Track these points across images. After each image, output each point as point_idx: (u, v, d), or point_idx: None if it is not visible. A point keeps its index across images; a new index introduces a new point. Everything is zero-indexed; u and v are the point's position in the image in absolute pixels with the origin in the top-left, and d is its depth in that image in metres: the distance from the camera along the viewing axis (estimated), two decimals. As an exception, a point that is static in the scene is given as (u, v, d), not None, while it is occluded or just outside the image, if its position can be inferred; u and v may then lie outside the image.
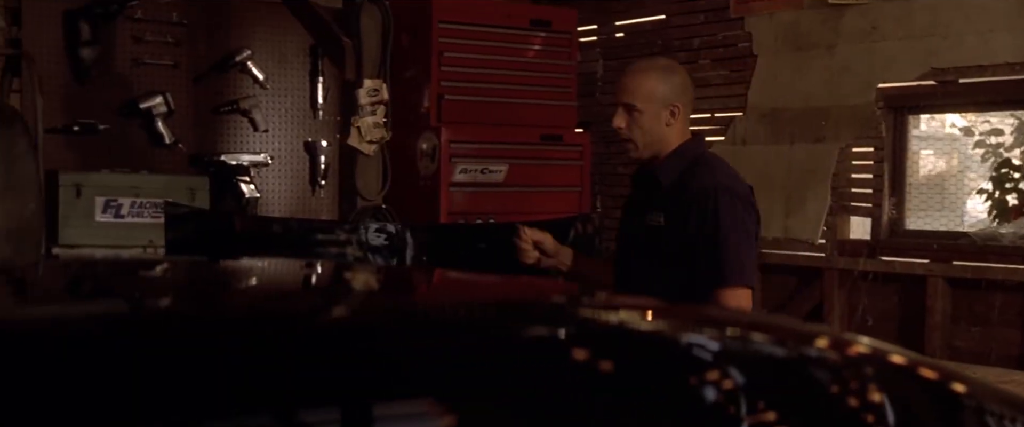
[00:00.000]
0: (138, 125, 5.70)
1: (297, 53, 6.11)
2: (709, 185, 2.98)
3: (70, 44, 5.46)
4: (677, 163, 3.06)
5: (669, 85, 3.08)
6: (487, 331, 1.36)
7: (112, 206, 5.31)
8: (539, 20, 6.22)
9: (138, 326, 1.34)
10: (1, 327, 1.30)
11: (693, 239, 2.95)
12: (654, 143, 3.06)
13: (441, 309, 1.64)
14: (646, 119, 3.04)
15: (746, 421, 1.22)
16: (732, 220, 2.95)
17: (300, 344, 1.20)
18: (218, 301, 1.65)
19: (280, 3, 5.63)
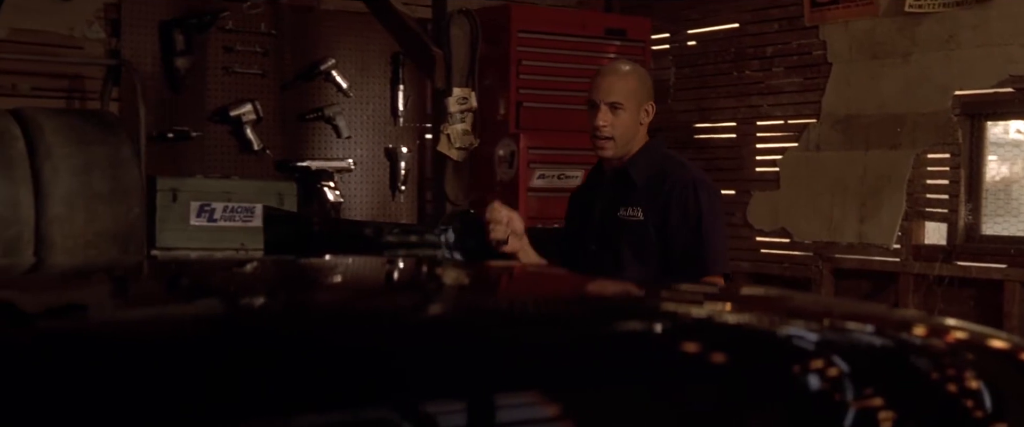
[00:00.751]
0: (228, 132, 5.89)
1: (379, 62, 6.26)
2: (687, 179, 3.15)
3: (165, 54, 5.65)
4: (648, 160, 3.21)
5: (646, 86, 3.28)
6: (597, 326, 1.39)
7: (206, 210, 5.48)
8: (614, 29, 6.32)
9: (281, 319, 1.39)
10: (158, 321, 1.36)
11: (675, 230, 3.09)
12: (628, 141, 3.21)
13: (548, 305, 1.68)
14: (628, 117, 3.18)
15: (853, 408, 1.23)
16: (711, 211, 3.12)
17: (427, 338, 1.24)
18: (335, 297, 1.74)
19: (364, 13, 5.80)
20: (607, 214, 3.23)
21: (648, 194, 3.15)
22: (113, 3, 5.55)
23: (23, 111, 4.80)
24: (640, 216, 3.14)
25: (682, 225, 3.08)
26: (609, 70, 3.32)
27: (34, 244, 4.61)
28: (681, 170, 3.21)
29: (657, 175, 3.17)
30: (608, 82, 3.22)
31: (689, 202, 3.09)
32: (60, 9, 5.34)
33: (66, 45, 5.43)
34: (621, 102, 3.16)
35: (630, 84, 3.23)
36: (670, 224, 3.09)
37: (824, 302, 2.72)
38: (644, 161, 3.21)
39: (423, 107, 6.38)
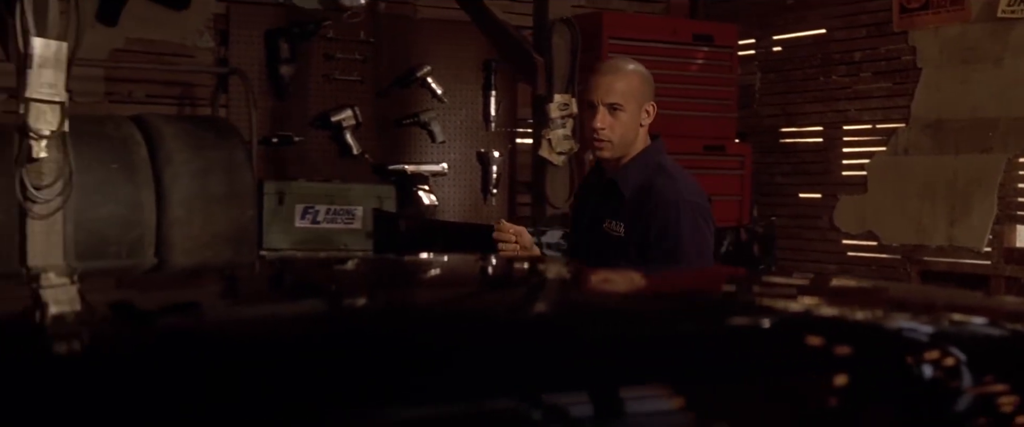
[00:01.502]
0: (328, 137, 6.06)
1: (471, 68, 6.40)
2: (671, 199, 2.93)
3: (270, 62, 5.83)
4: (638, 172, 3.02)
5: (647, 86, 3.09)
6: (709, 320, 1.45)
7: (310, 212, 5.65)
8: (702, 35, 6.41)
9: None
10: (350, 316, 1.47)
11: (652, 249, 2.91)
12: (627, 143, 3.03)
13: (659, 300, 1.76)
14: (628, 118, 3.01)
15: (967, 394, 1.26)
16: (692, 234, 2.92)
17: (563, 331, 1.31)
18: (451, 293, 1.84)
19: (458, 21, 5.94)
20: (594, 224, 3.10)
21: (633, 209, 2.98)
22: (222, 14, 5.75)
23: (144, 117, 5.00)
24: (621, 231, 2.99)
25: (658, 245, 2.91)
26: (608, 69, 3.12)
27: (155, 245, 4.81)
28: (670, 186, 2.97)
29: (645, 188, 2.99)
30: (607, 82, 3.04)
31: (669, 223, 2.91)
32: (173, 20, 5.54)
33: (178, 54, 5.64)
34: (621, 103, 2.99)
35: (631, 84, 3.05)
36: (650, 243, 2.92)
37: (937, 293, 2.71)
38: (635, 172, 3.02)
39: (514, 112, 6.51)
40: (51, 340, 1.27)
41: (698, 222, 2.94)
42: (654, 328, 1.36)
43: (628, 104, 3.00)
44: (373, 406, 0.99)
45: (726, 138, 6.45)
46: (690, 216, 2.92)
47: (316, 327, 1.31)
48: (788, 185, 6.70)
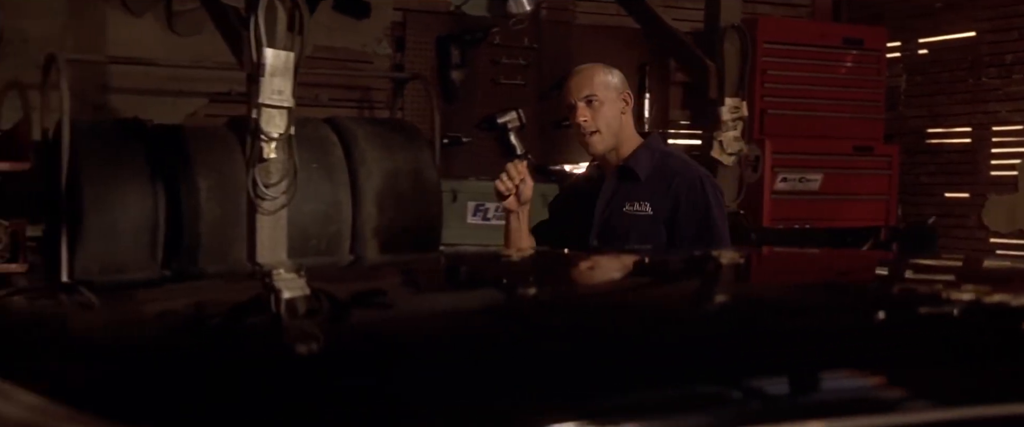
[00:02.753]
0: (493, 138, 6.31)
1: (626, 72, 6.55)
2: (694, 175, 3.16)
3: (442, 67, 6.12)
4: (649, 156, 3.18)
5: (617, 78, 3.27)
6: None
7: (481, 210, 5.91)
8: (851, 38, 6.55)
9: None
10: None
11: (684, 222, 3.08)
12: (617, 133, 3.18)
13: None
14: (607, 109, 3.17)
15: None
16: (718, 206, 3.14)
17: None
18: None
19: (614, 27, 6.17)
20: (612, 210, 3.19)
21: (654, 189, 3.13)
22: (399, 22, 6.05)
23: (337, 120, 5.31)
24: (648, 210, 3.12)
25: (691, 217, 3.08)
26: (576, 71, 3.32)
27: (350, 240, 5.11)
28: (685, 166, 3.21)
29: (660, 170, 3.16)
30: (577, 81, 3.23)
31: (697, 196, 3.10)
32: (355, 28, 5.85)
33: (359, 60, 5.95)
34: (595, 94, 3.16)
35: (598, 77, 3.23)
36: (680, 217, 3.09)
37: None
38: (645, 157, 3.18)
39: (666, 114, 6.72)
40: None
41: (718, 195, 3.18)
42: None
43: (602, 94, 3.17)
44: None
45: (874, 139, 6.58)
46: (713, 188, 3.16)
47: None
48: (933, 185, 6.78)
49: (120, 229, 4.65)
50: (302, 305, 1.65)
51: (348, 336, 1.34)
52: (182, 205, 4.75)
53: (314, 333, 1.37)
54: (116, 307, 1.62)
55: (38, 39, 5.21)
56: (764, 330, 1.35)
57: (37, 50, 5.19)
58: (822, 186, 6.41)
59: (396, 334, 1.32)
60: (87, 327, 1.47)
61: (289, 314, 1.53)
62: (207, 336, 1.34)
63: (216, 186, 4.80)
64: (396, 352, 1.20)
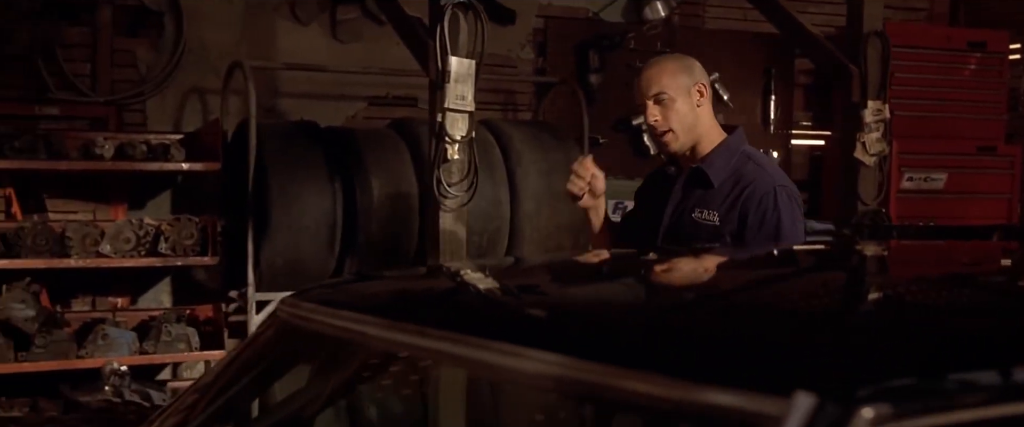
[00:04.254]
0: (625, 139, 6.54)
1: (753, 75, 6.80)
2: (767, 184, 2.90)
3: (580, 71, 6.35)
4: (725, 161, 2.97)
5: (687, 69, 3.04)
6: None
7: (620, 207, 6.11)
8: (975, 42, 6.68)
9: None
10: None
11: (752, 235, 2.86)
12: (692, 129, 2.99)
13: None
14: (679, 105, 2.97)
15: None
16: (792, 220, 2.89)
17: None
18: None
19: (741, 32, 6.36)
20: (681, 214, 3.01)
21: (725, 197, 2.93)
22: (541, 28, 6.29)
23: (492, 122, 5.56)
24: (716, 220, 2.92)
25: (759, 232, 2.86)
26: (644, 68, 3.10)
27: (509, 236, 5.36)
28: (760, 173, 2.94)
29: (735, 176, 2.94)
30: (645, 79, 3.04)
31: (768, 208, 2.87)
32: (501, 34, 6.09)
33: (504, 65, 6.20)
34: (664, 91, 2.98)
35: (667, 72, 3.01)
36: (748, 230, 2.87)
37: None
38: (722, 161, 2.97)
39: (790, 115, 6.89)
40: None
41: (794, 207, 2.92)
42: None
43: (672, 90, 2.98)
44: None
45: (996, 139, 6.70)
46: (787, 200, 2.90)
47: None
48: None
49: (303, 225, 4.94)
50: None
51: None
52: (357, 202, 5.02)
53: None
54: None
55: (216, 47, 5.53)
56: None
57: (215, 57, 5.52)
58: (946, 185, 6.56)
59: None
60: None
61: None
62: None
63: (387, 184, 5.07)
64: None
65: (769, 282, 1.85)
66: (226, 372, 2.09)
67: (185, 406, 2.03)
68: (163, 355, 4.84)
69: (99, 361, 4.63)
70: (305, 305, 1.89)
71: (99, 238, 4.80)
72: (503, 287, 1.81)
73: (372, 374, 1.95)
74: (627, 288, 1.83)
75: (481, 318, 1.45)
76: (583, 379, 1.21)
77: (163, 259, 4.87)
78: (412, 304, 1.69)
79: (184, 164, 4.90)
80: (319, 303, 1.85)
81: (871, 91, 5.23)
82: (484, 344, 1.32)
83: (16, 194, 5.06)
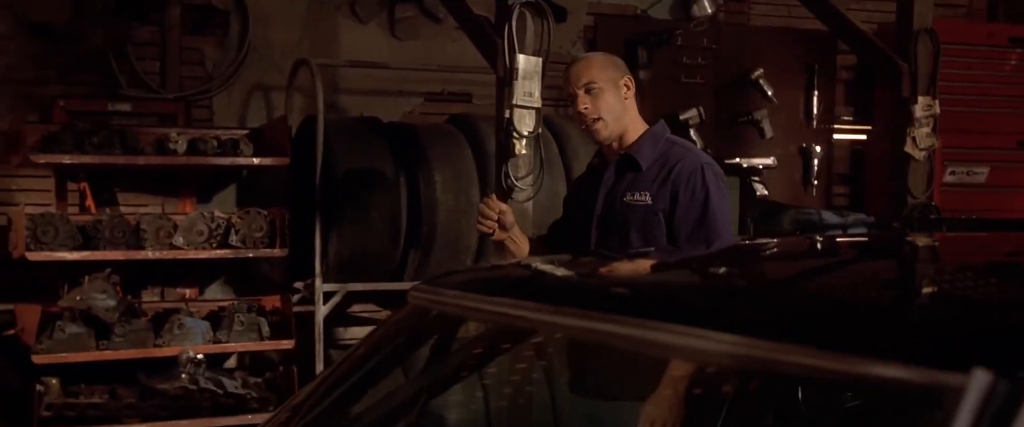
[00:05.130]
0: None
1: (797, 71, 6.89)
2: (694, 163, 3.07)
3: (629, 67, 6.43)
4: (652, 144, 3.15)
5: (615, 65, 3.25)
6: None
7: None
8: (1017, 38, 6.76)
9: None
10: None
11: (683, 212, 3.01)
12: (620, 120, 3.17)
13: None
14: (608, 95, 3.15)
15: None
16: (719, 196, 3.04)
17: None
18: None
19: (785, 29, 6.46)
20: (613, 199, 3.14)
21: (655, 178, 3.07)
22: (591, 25, 6.40)
23: (548, 118, 5.66)
24: (648, 200, 3.06)
25: (690, 207, 3.01)
26: (573, 61, 3.30)
27: (565, 228, 5.47)
28: (687, 153, 3.13)
29: (662, 159, 3.11)
30: (575, 71, 3.22)
31: (697, 185, 3.02)
32: (554, 31, 6.18)
33: (555, 61, 6.28)
34: (594, 82, 3.15)
35: (596, 65, 3.21)
36: (679, 207, 3.02)
37: None
38: (648, 146, 3.15)
39: (832, 110, 6.99)
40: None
41: (720, 183, 3.08)
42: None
43: (600, 81, 3.16)
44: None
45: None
46: (714, 176, 3.06)
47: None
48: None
49: (370, 218, 5.06)
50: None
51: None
52: (421, 196, 5.14)
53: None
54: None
55: (280, 45, 5.66)
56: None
57: (278, 55, 5.64)
58: (988, 179, 6.65)
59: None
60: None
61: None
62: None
63: (450, 179, 5.19)
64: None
65: (932, 268, 1.96)
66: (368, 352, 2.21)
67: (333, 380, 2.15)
68: (235, 344, 4.97)
69: (175, 349, 4.77)
70: (449, 292, 2.01)
71: (172, 230, 4.93)
72: (675, 273, 1.94)
73: (532, 353, 2.07)
74: (798, 273, 1.94)
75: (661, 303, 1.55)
76: (767, 357, 1.32)
77: (234, 251, 4.99)
78: (572, 290, 1.80)
79: (254, 159, 5.02)
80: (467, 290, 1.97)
81: (921, 87, 5.33)
82: (661, 326, 1.43)
83: (90, 188, 5.21)
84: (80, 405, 4.70)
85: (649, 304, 1.52)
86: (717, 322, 1.37)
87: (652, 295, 1.65)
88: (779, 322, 1.37)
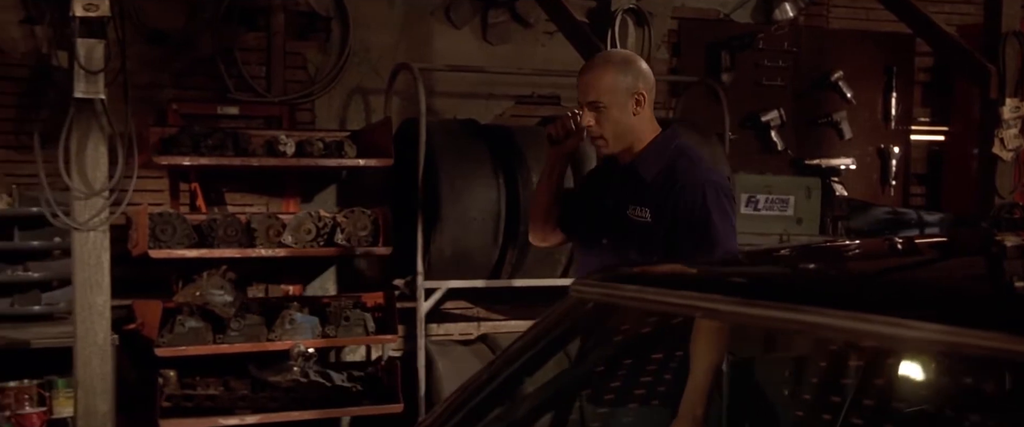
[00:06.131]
0: (753, 135, 6.73)
1: (875, 72, 6.96)
2: (697, 180, 2.92)
3: (711, 70, 6.55)
4: (657, 157, 2.99)
5: (629, 75, 3.00)
6: None
7: (752, 201, 6.32)
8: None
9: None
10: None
11: (683, 231, 2.89)
12: (625, 135, 3.00)
13: None
14: (613, 113, 2.96)
15: None
16: (720, 213, 2.90)
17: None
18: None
19: (863, 32, 6.54)
20: (618, 210, 3.04)
21: (658, 193, 2.95)
22: (675, 29, 6.51)
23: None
24: (648, 217, 2.96)
25: (689, 227, 2.89)
26: (586, 67, 3.10)
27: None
28: (692, 168, 2.98)
29: (667, 172, 2.97)
30: (585, 82, 3.04)
31: (697, 204, 2.89)
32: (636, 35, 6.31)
33: (641, 65, 6.40)
34: (600, 100, 2.98)
35: (607, 79, 2.99)
36: (678, 225, 2.91)
37: None
38: (654, 157, 3.00)
39: (910, 112, 7.05)
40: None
41: (723, 201, 2.93)
42: None
43: (608, 99, 2.97)
44: None
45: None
46: (716, 196, 2.91)
47: None
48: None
49: (470, 217, 5.20)
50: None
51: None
52: (519, 196, 5.27)
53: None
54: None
55: (377, 50, 5.81)
56: None
57: (376, 59, 5.80)
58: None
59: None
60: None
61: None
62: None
63: (546, 179, 5.32)
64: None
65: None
66: (532, 344, 2.34)
67: (504, 363, 2.29)
68: (343, 338, 5.13)
69: (287, 344, 4.94)
70: (627, 287, 2.14)
71: (281, 229, 5.10)
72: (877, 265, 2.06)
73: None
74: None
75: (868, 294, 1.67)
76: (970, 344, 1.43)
77: (340, 249, 5.15)
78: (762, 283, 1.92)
79: (360, 160, 5.18)
80: (648, 284, 2.09)
81: (1009, 88, 5.39)
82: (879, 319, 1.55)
83: (200, 188, 5.40)
84: (197, 396, 4.88)
85: (858, 296, 1.63)
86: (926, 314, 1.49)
87: (860, 285, 1.77)
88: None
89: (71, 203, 3.92)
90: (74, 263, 3.96)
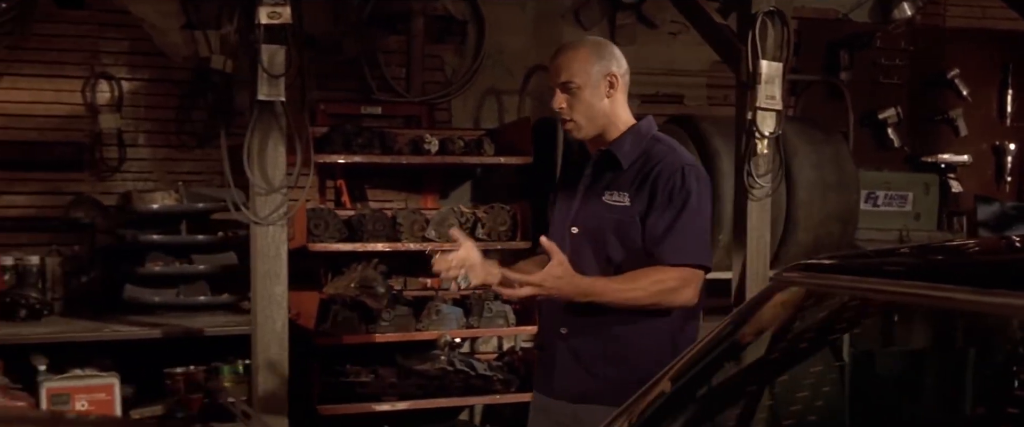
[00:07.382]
0: (868, 132, 6.80)
1: (991, 71, 6.98)
2: (676, 164, 2.86)
3: (829, 68, 6.63)
4: (634, 143, 2.93)
5: (602, 58, 2.93)
6: None
7: (872, 197, 6.39)
8: None
9: None
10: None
11: (657, 213, 2.83)
12: (597, 119, 2.93)
13: None
14: (585, 94, 2.90)
15: None
16: (701, 199, 2.86)
17: None
18: None
19: (980, 30, 6.57)
20: (592, 198, 2.95)
21: (635, 178, 2.88)
22: (795, 29, 6.56)
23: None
24: (626, 201, 2.87)
25: (666, 208, 2.82)
26: (558, 50, 2.99)
27: (784, 223, 5.68)
28: (670, 154, 2.90)
29: (644, 157, 2.90)
30: (556, 64, 2.94)
31: (676, 187, 2.83)
32: (764, 36, 6.42)
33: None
34: (572, 80, 2.89)
35: (579, 60, 2.91)
36: (656, 206, 2.83)
37: None
38: (630, 143, 2.93)
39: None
40: None
41: (701, 186, 2.88)
42: None
43: (580, 79, 2.89)
44: None
45: None
46: (696, 181, 2.86)
47: None
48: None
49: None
50: None
51: None
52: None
53: None
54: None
55: (510, 52, 6.00)
56: None
57: (509, 61, 5.99)
58: None
59: None
60: None
61: None
62: None
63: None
64: None
65: None
66: (738, 329, 2.48)
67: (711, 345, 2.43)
68: (486, 329, 5.31)
69: (433, 334, 5.13)
70: (842, 277, 2.28)
71: (425, 224, 5.30)
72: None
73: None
74: None
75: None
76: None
77: (481, 244, 5.27)
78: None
79: (500, 158, 5.35)
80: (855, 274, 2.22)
81: None
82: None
83: (346, 185, 5.62)
84: (350, 384, 5.10)
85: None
86: None
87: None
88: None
89: (251, 198, 4.13)
90: (253, 255, 4.17)
